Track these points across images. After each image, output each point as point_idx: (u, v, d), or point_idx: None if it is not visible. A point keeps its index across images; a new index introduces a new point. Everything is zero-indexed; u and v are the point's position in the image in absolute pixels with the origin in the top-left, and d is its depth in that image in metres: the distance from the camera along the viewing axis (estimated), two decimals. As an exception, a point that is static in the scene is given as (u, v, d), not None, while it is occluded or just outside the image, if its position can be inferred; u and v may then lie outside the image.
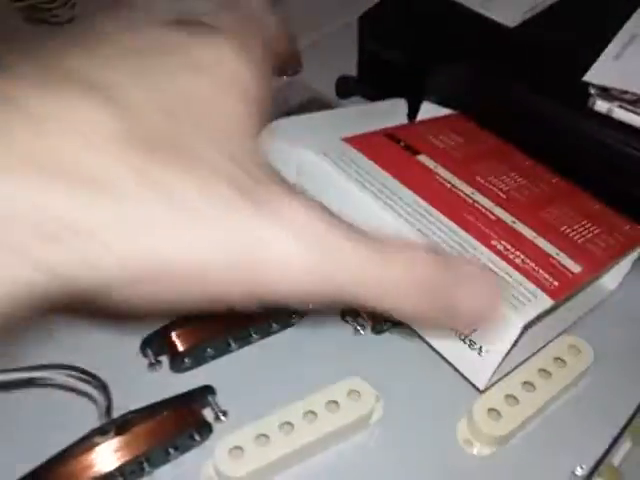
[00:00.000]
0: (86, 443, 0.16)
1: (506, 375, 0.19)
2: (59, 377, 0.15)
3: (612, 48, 0.23)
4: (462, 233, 0.19)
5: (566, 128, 0.22)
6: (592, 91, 0.22)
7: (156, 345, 0.20)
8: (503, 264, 0.18)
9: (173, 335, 0.19)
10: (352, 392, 0.18)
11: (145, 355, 0.20)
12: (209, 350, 0.20)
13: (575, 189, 0.23)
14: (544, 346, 0.20)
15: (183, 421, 0.18)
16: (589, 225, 0.21)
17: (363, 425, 0.19)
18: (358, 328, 0.21)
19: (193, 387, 0.18)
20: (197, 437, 0.18)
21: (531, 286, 0.18)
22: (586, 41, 0.24)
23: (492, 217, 0.20)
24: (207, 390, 0.19)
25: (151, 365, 0.19)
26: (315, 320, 0.21)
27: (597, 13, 0.26)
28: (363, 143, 0.21)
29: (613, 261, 0.21)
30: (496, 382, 0.19)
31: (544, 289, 0.18)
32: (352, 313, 0.21)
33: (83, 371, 0.16)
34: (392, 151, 0.22)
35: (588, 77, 0.22)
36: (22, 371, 0.15)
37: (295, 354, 0.21)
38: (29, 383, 0.15)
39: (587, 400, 0.20)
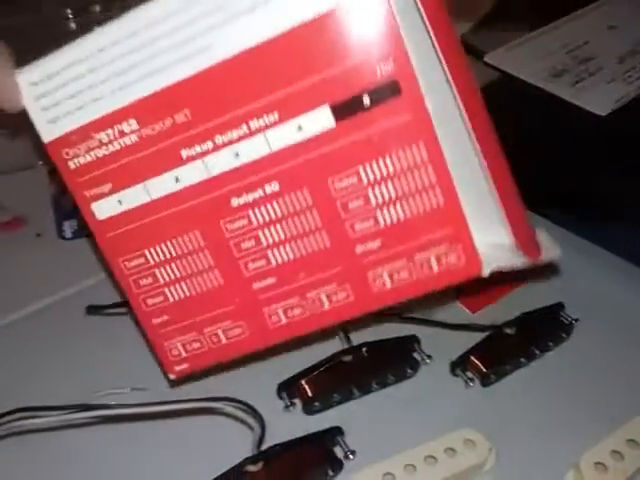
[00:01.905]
0: (240, 469, 0.20)
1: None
2: (226, 407, 0.19)
3: None
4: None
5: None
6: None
7: (289, 390, 0.23)
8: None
9: (303, 382, 0.23)
10: (467, 441, 0.20)
11: (281, 398, 0.23)
12: (335, 396, 0.23)
13: None
14: None
15: (318, 457, 0.21)
16: None
17: (477, 472, 0.20)
18: (467, 381, 0.23)
19: (324, 428, 0.21)
20: (330, 472, 0.21)
21: None
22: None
23: None
24: (337, 431, 0.21)
25: (286, 407, 0.23)
26: (429, 373, 0.24)
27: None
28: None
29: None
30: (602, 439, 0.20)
31: None
32: (461, 366, 0.24)
33: (246, 404, 0.19)
34: None
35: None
36: (199, 401, 0.19)
37: (412, 405, 0.23)
38: (203, 411, 0.19)
39: None
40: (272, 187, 0.17)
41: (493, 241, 0.17)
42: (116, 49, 0.17)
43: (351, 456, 0.21)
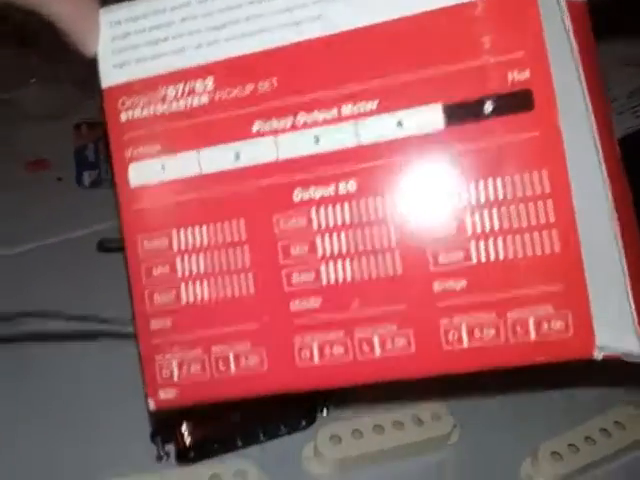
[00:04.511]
0: None
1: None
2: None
3: None
4: None
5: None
6: None
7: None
8: None
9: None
10: (434, 414, 0.21)
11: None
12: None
13: None
14: None
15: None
16: None
17: (441, 445, 0.21)
18: None
19: None
20: (303, 423, 0.22)
21: None
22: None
23: None
24: None
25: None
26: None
27: None
28: None
29: None
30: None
31: None
32: None
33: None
34: None
35: None
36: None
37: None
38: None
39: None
40: (348, 187, 0.14)
41: (613, 319, 0.13)
42: (219, 3, 0.15)
43: (325, 411, 0.22)
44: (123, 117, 0.16)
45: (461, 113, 0.13)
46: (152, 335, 0.16)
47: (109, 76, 0.16)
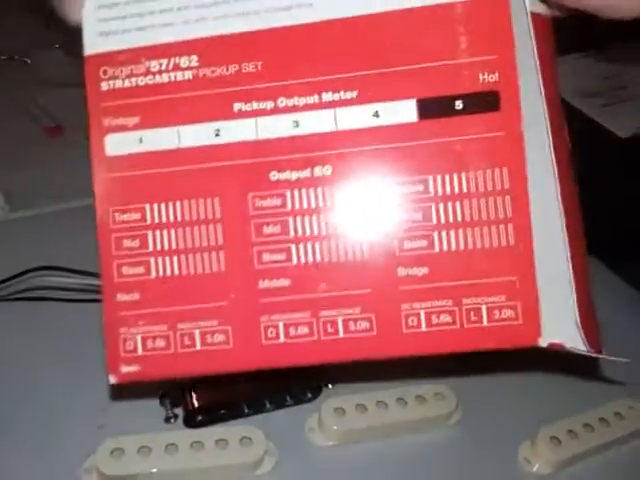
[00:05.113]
0: None
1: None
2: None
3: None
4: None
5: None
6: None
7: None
8: None
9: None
10: (437, 394, 0.22)
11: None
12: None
13: None
14: None
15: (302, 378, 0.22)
16: None
17: (443, 424, 0.22)
18: None
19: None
20: (309, 395, 0.22)
21: None
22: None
23: None
24: None
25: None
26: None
27: None
28: None
29: None
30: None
31: None
32: None
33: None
34: None
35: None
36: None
37: None
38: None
39: None
40: (323, 170, 0.15)
41: (557, 311, 0.14)
42: (210, -19, 0.15)
43: (330, 385, 0.23)
44: (104, 86, 0.16)
45: (434, 108, 0.14)
46: (118, 307, 0.16)
47: (93, 44, 0.16)
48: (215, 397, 0.21)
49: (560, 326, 0.14)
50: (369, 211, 0.15)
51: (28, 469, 0.20)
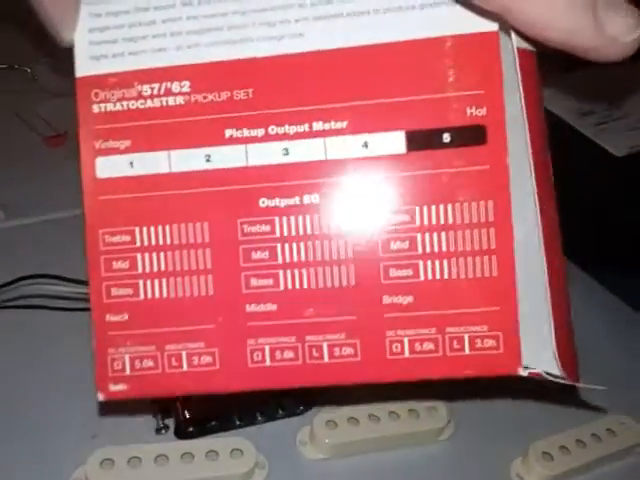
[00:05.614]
0: None
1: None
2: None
3: None
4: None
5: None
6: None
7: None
8: None
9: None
10: (430, 408, 0.22)
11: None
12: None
13: None
14: None
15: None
16: None
17: (434, 439, 0.22)
18: None
19: None
20: (301, 407, 0.22)
21: None
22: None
23: None
24: None
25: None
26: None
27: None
28: None
29: None
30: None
31: None
32: None
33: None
34: None
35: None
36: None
37: None
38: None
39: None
40: (312, 198, 0.15)
41: (537, 341, 0.15)
42: (204, 8, 0.15)
43: (322, 398, 0.22)
44: (95, 108, 0.16)
45: (422, 141, 0.15)
46: (107, 327, 0.16)
47: (84, 66, 0.16)
48: (206, 409, 0.21)
49: (539, 356, 0.15)
50: (356, 239, 0.15)
51: (21, 477, 0.20)
